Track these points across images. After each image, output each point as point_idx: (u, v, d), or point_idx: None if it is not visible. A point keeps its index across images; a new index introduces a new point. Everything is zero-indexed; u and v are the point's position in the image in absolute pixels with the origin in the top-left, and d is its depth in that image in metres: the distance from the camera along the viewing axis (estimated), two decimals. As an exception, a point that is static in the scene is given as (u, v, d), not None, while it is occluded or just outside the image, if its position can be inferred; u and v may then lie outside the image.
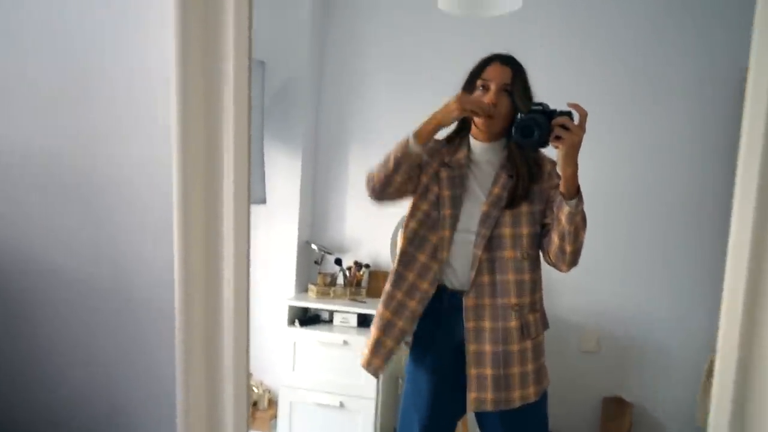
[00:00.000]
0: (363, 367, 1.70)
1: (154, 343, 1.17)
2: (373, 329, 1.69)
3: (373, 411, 2.69)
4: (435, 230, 1.61)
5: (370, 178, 1.64)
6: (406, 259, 1.64)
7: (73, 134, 1.21)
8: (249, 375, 1.06)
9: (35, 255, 1.24)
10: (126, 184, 1.16)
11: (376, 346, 1.67)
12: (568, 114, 1.43)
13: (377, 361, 1.66)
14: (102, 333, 1.21)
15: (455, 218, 1.61)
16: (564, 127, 1.41)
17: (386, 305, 1.65)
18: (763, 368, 0.90)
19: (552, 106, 1.46)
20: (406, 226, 1.66)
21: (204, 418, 1.04)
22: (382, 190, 1.62)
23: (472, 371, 1.59)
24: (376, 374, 1.67)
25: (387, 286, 1.66)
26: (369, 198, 1.67)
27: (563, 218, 1.48)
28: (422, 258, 1.62)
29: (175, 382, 1.04)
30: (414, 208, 1.66)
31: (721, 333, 0.96)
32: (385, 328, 1.65)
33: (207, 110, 1.00)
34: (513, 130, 1.46)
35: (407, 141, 1.55)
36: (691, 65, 2.70)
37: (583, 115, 1.42)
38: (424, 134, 1.55)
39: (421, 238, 1.63)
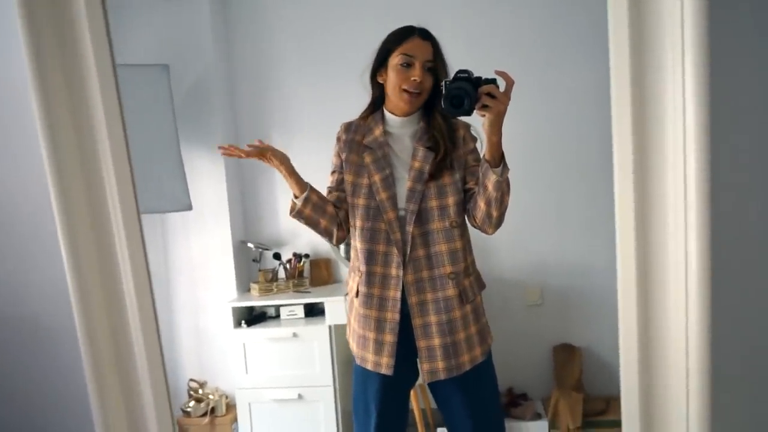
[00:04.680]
0: (374, 370, 1.64)
1: (62, 364, 1.12)
2: (365, 332, 1.64)
3: (332, 397, 2.69)
4: (379, 218, 1.61)
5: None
6: (367, 255, 1.62)
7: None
8: (167, 384, 1.04)
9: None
10: (6, 208, 1.10)
11: (378, 346, 1.62)
12: (494, 81, 1.41)
13: (387, 359, 1.61)
14: (10, 365, 1.15)
15: (394, 198, 1.61)
16: (491, 95, 1.40)
17: (367, 305, 1.63)
18: (658, 299, 0.94)
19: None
20: (353, 226, 1.66)
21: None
22: (332, 237, 1.70)
23: (421, 343, 1.61)
24: (392, 371, 1.61)
25: (361, 288, 1.63)
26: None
27: (490, 185, 1.50)
28: (381, 248, 1.61)
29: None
30: (353, 207, 1.66)
31: (619, 268, 1.00)
32: (378, 325, 1.62)
33: (74, 117, 0.95)
34: (442, 101, 1.43)
35: (292, 204, 1.64)
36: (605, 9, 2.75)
37: (510, 84, 1.41)
38: (292, 186, 1.63)
39: (371, 231, 1.62)
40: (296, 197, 1.62)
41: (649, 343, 0.93)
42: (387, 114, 1.66)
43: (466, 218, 1.66)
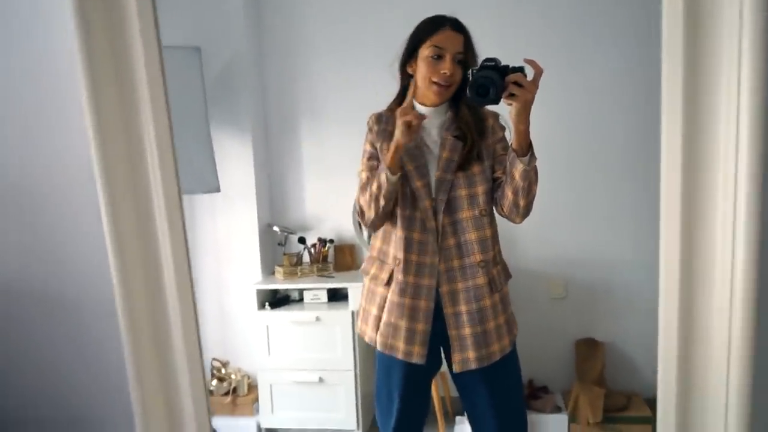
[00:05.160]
0: (405, 359, 1.63)
1: (101, 342, 1.15)
2: (396, 321, 1.63)
3: (352, 382, 2.72)
4: (416, 206, 1.61)
5: (371, 217, 1.62)
6: (406, 243, 1.61)
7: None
8: (202, 363, 1.06)
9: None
10: (48, 184, 1.12)
11: (410, 335, 1.61)
12: (521, 70, 1.40)
13: (419, 348, 1.61)
14: (46, 338, 1.18)
15: (429, 187, 1.61)
16: (518, 84, 1.38)
17: (402, 293, 1.61)
18: (702, 299, 0.92)
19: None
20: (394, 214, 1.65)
21: (162, 412, 1.04)
22: (382, 221, 1.64)
23: (452, 333, 1.61)
24: (424, 360, 1.62)
25: (397, 275, 1.62)
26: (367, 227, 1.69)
27: (517, 174, 1.49)
28: (416, 236, 1.61)
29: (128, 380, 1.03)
30: None
31: (661, 269, 0.98)
32: (412, 314, 1.61)
33: (120, 97, 0.97)
34: (468, 89, 1.43)
35: (386, 178, 1.54)
36: (630, 5, 2.71)
37: (539, 72, 1.39)
38: (394, 164, 1.54)
39: (408, 219, 1.62)
40: (392, 172, 1.54)
41: (690, 342, 0.92)
42: (416, 105, 1.66)
43: (494, 208, 1.66)
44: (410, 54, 1.63)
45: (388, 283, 1.65)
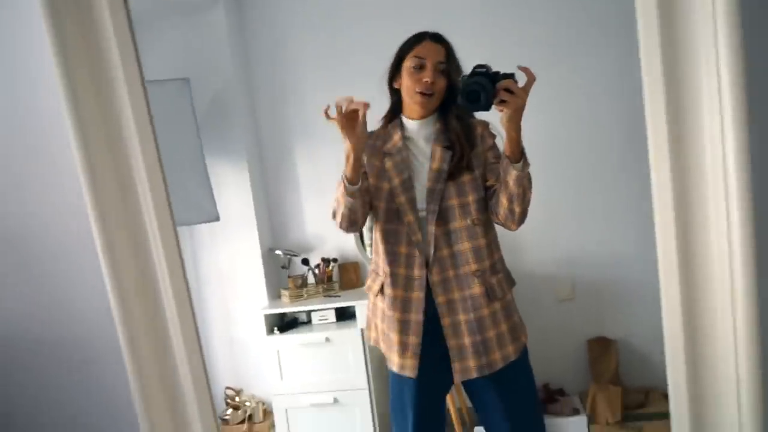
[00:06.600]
0: (398, 372, 1.64)
1: (108, 380, 1.14)
2: (390, 333, 1.64)
3: (368, 400, 2.70)
4: (400, 220, 1.61)
5: (338, 222, 1.64)
6: (390, 257, 1.62)
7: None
8: (211, 395, 1.05)
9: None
10: (45, 233, 1.13)
11: (402, 348, 1.62)
12: (512, 76, 1.40)
13: (411, 361, 1.62)
14: (52, 382, 1.18)
15: (413, 201, 1.61)
16: (508, 90, 1.39)
17: (393, 307, 1.62)
18: (704, 283, 0.92)
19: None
20: (376, 228, 1.67)
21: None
22: (353, 224, 1.63)
23: (451, 342, 1.61)
24: (415, 374, 1.62)
25: (386, 290, 1.63)
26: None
27: (511, 181, 1.49)
28: (403, 250, 1.62)
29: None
30: (374, 209, 1.66)
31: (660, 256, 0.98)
32: (402, 327, 1.62)
33: (108, 134, 0.97)
34: (459, 95, 1.43)
35: (344, 187, 1.55)
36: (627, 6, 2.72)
37: (531, 80, 1.39)
38: (351, 174, 1.54)
39: (393, 233, 1.62)
40: (349, 181, 1.54)
41: (695, 337, 0.91)
42: (404, 119, 1.67)
43: (490, 215, 1.65)
44: (395, 69, 1.65)
45: (380, 293, 1.65)
